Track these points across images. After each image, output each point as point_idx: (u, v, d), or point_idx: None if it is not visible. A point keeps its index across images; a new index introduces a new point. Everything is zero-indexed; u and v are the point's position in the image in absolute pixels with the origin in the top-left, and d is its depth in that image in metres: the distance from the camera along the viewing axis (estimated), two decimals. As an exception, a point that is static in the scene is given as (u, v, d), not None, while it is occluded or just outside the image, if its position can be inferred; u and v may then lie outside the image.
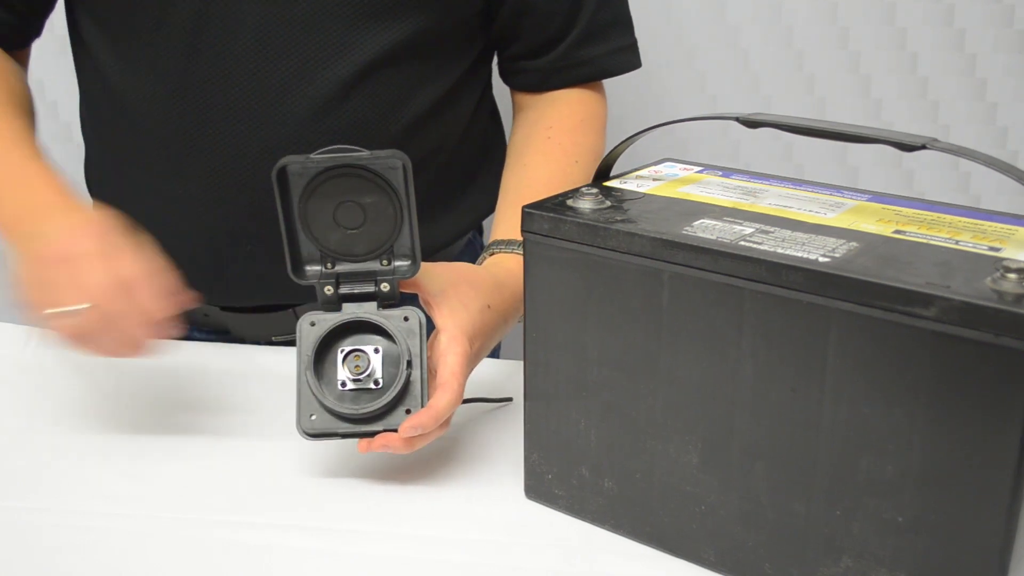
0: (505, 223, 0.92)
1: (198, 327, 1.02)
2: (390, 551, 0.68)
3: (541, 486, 0.73)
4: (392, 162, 0.69)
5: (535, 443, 0.72)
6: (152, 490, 0.75)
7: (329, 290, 0.73)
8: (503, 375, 0.88)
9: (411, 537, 0.70)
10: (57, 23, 0.99)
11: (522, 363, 0.71)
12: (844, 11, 1.39)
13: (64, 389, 0.88)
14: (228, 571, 0.67)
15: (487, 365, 0.92)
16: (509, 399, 0.86)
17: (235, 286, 0.97)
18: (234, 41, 0.87)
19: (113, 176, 0.99)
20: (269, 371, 0.90)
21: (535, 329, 0.69)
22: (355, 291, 0.73)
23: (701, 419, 0.63)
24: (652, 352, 0.64)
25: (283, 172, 0.69)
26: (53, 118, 1.49)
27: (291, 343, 0.74)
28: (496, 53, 1.03)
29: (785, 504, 0.61)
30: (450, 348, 0.73)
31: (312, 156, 0.69)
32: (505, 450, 0.78)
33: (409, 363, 0.71)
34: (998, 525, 0.54)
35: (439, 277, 0.76)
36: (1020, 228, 0.63)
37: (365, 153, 0.69)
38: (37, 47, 1.05)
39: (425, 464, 0.78)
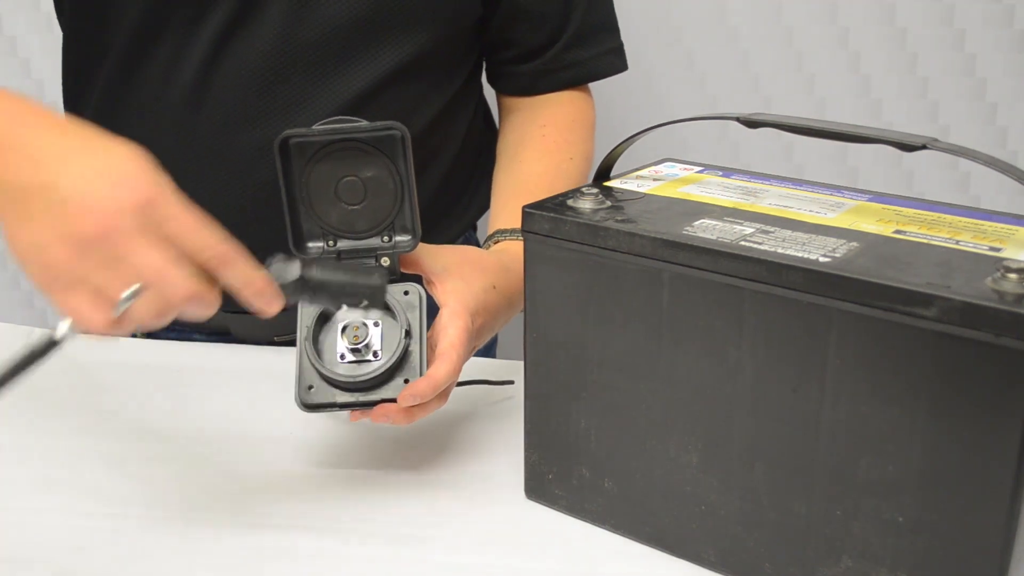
0: (506, 214, 0.92)
1: (198, 328, 1.02)
2: (390, 551, 0.68)
3: (541, 486, 0.73)
4: (391, 132, 0.70)
5: (535, 443, 0.72)
6: (152, 490, 0.75)
7: None
8: (503, 375, 0.88)
9: (411, 537, 0.70)
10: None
11: (522, 363, 0.71)
12: (844, 11, 1.39)
13: (64, 390, 0.88)
14: (228, 571, 0.67)
15: (487, 366, 0.92)
16: (511, 382, 0.86)
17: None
18: (253, 53, 0.87)
19: None
20: (269, 371, 0.90)
21: (535, 329, 0.69)
22: None
23: (701, 419, 0.63)
24: (652, 352, 0.64)
25: (285, 144, 0.69)
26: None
27: (292, 343, 0.74)
28: (485, 58, 1.04)
29: (785, 504, 0.61)
30: (451, 322, 0.73)
31: (313, 128, 0.69)
32: (505, 450, 0.78)
33: (408, 333, 0.71)
34: (998, 525, 0.54)
35: (442, 257, 0.77)
36: (1020, 228, 0.63)
37: (363, 123, 0.70)
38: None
39: (425, 464, 0.78)
